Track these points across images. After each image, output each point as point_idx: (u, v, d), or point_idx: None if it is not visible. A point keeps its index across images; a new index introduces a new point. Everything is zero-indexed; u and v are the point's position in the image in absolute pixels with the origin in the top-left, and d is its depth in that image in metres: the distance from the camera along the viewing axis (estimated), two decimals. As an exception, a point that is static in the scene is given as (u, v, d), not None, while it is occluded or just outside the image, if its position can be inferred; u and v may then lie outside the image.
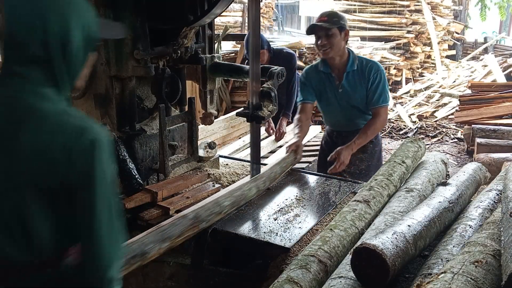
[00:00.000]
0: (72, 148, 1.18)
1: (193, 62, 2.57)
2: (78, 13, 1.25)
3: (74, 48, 1.24)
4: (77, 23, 1.24)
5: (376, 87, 2.94)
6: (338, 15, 2.94)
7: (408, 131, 7.34)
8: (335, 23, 2.85)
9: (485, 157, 4.91)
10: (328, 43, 2.86)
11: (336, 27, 2.85)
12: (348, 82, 2.97)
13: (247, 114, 2.43)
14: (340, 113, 3.09)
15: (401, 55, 9.74)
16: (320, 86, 3.07)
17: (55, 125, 1.19)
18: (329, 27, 2.83)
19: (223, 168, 2.83)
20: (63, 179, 1.19)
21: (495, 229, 1.67)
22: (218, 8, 2.29)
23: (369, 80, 2.94)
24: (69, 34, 1.23)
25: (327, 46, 2.87)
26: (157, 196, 2.19)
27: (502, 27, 15.37)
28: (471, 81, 7.94)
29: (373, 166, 3.06)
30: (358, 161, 3.04)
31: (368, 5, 10.57)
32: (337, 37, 2.87)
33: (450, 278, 1.41)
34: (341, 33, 2.88)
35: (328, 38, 2.86)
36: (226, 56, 7.22)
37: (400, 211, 2.02)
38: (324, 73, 3.02)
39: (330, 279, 1.65)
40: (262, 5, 10.29)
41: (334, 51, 2.89)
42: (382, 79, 2.96)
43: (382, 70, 2.99)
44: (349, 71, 2.96)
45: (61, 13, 1.22)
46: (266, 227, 2.13)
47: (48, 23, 1.20)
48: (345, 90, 2.99)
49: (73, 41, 1.24)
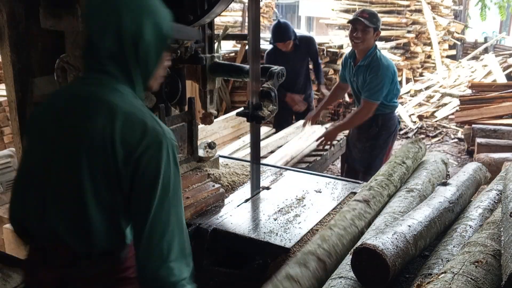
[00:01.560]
0: (142, 146, 1.20)
1: (193, 62, 2.56)
2: (151, 11, 1.28)
3: (145, 45, 1.27)
4: (149, 20, 1.27)
5: (369, 82, 3.34)
6: (377, 17, 3.39)
7: (408, 131, 7.33)
8: (373, 23, 3.31)
9: (485, 157, 4.91)
10: (362, 37, 3.31)
11: (373, 27, 3.30)
12: (358, 73, 3.43)
13: (247, 114, 2.43)
14: (355, 97, 3.66)
15: (401, 55, 9.73)
16: (346, 71, 3.64)
17: (128, 121, 1.22)
18: (368, 25, 3.28)
19: (223, 168, 2.83)
20: (126, 174, 1.21)
21: (495, 229, 1.67)
22: (218, 8, 2.28)
23: (367, 76, 3.36)
24: (141, 30, 1.25)
25: (360, 40, 3.32)
26: (157, 196, 2.18)
27: (502, 27, 15.35)
28: (471, 81, 7.93)
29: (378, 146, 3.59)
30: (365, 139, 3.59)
31: (368, 5, 10.56)
32: (370, 35, 3.32)
33: (450, 278, 1.41)
34: (374, 33, 3.34)
35: (363, 33, 3.30)
36: (226, 56, 7.22)
37: (401, 211, 2.02)
38: (348, 60, 3.55)
39: (330, 279, 1.65)
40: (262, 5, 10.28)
41: (363, 45, 3.34)
42: (378, 77, 3.32)
43: (383, 73, 3.33)
44: (360, 64, 3.40)
45: (134, 9, 1.26)
46: (266, 227, 2.13)
47: (121, 18, 1.23)
48: (355, 79, 3.48)
49: (145, 37, 1.26)
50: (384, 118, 3.52)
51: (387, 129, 3.58)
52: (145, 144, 1.21)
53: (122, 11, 1.24)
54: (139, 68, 1.29)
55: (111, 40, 1.24)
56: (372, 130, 3.54)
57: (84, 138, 1.22)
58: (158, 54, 1.32)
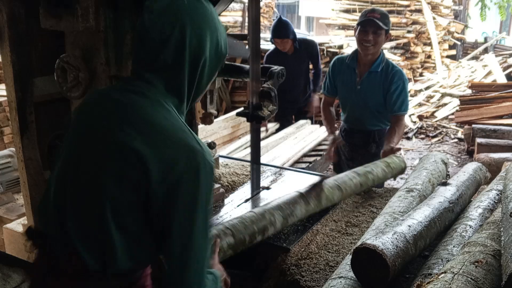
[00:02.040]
0: (177, 166, 1.11)
1: (193, 62, 2.56)
2: (214, 27, 1.22)
3: (205, 62, 1.21)
4: (211, 37, 1.21)
5: (399, 94, 2.94)
6: (389, 18, 3.00)
7: (408, 131, 7.33)
8: (386, 24, 2.91)
9: (485, 157, 4.91)
10: (373, 40, 2.90)
11: (385, 29, 2.91)
12: (369, 81, 3.00)
13: (247, 114, 2.43)
14: (354, 110, 3.12)
15: (401, 55, 9.74)
16: (342, 79, 3.12)
17: (166, 138, 1.13)
18: (381, 26, 2.88)
19: (223, 168, 2.83)
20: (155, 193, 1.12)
21: (495, 229, 1.67)
22: (218, 8, 2.28)
23: (390, 85, 2.95)
24: (203, 46, 1.19)
25: (371, 43, 2.91)
26: (157, 196, 2.18)
27: (502, 27, 15.35)
28: (471, 81, 7.94)
29: None
30: (361, 157, 3.09)
31: (368, 5, 10.56)
32: (382, 37, 2.93)
33: (450, 278, 1.41)
34: (386, 35, 2.96)
35: (376, 36, 2.90)
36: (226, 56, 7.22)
37: (400, 211, 2.02)
38: (349, 66, 3.07)
39: (330, 279, 1.65)
40: (262, 5, 10.29)
41: (374, 49, 2.94)
42: (405, 87, 2.97)
43: (406, 79, 3.01)
44: (372, 71, 2.99)
45: (199, 24, 1.19)
46: (266, 227, 2.13)
47: (185, 32, 1.17)
48: (363, 88, 3.01)
49: (207, 55, 1.20)
50: (380, 133, 3.13)
51: (382, 143, 3.10)
52: (184, 164, 1.12)
53: (187, 25, 1.17)
54: (193, 84, 1.22)
55: (171, 52, 1.17)
56: (371, 148, 3.13)
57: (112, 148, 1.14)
58: (213, 71, 1.27)
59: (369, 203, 2.40)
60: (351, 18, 10.60)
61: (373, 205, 2.37)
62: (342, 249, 1.98)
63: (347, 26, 10.63)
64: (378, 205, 2.36)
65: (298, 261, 1.90)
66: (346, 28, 10.57)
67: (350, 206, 2.38)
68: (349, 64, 3.06)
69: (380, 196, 2.49)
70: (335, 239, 2.06)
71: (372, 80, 2.99)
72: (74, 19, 2.21)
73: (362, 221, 2.22)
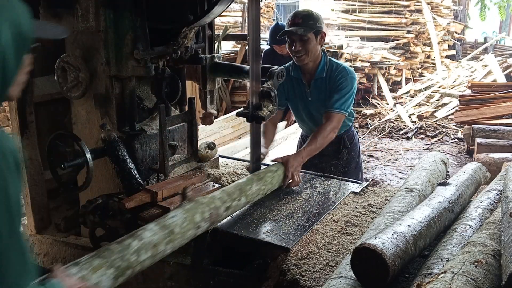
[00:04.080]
0: None
1: (193, 62, 2.56)
2: (4, 7, 1.09)
3: (2, 48, 1.08)
4: (3, 19, 1.08)
5: (338, 91, 2.67)
6: (314, 17, 2.65)
7: (408, 131, 7.34)
8: (310, 26, 2.61)
9: (485, 157, 4.92)
10: (303, 49, 2.64)
11: (312, 32, 2.62)
12: (317, 89, 2.76)
13: (247, 114, 2.43)
14: (311, 121, 2.88)
15: (401, 55, 9.75)
16: (290, 92, 2.84)
17: None
18: (303, 33, 2.60)
19: (223, 168, 2.83)
20: None
21: (495, 229, 1.67)
22: (218, 8, 2.29)
23: (334, 84, 2.70)
24: None
25: (302, 53, 2.65)
26: (157, 196, 2.18)
27: (502, 27, 15.36)
28: (471, 81, 7.94)
29: (350, 172, 2.94)
30: (333, 167, 2.91)
31: (367, 5, 10.57)
32: (313, 42, 2.64)
33: (450, 278, 1.41)
34: (317, 37, 2.66)
35: (303, 43, 2.63)
36: (226, 56, 7.23)
37: (400, 211, 2.03)
38: (294, 78, 2.81)
39: (330, 278, 1.65)
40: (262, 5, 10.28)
41: (309, 57, 2.67)
42: (347, 86, 2.68)
43: (351, 78, 2.72)
44: (317, 78, 2.74)
45: None
46: (266, 227, 2.14)
47: None
48: (314, 98, 2.77)
49: (2, 40, 1.08)
50: (348, 136, 2.93)
51: (355, 148, 2.99)
52: None
53: None
54: None
55: None
56: (342, 155, 2.91)
57: None
58: (18, 58, 1.14)
59: (369, 203, 2.40)
60: (351, 19, 10.60)
61: (373, 205, 2.38)
62: (342, 249, 1.98)
63: (347, 26, 10.63)
64: (378, 205, 2.36)
65: (298, 261, 1.90)
66: (346, 28, 10.58)
67: (350, 206, 2.38)
68: (294, 76, 2.80)
69: (380, 196, 2.49)
70: (335, 239, 2.06)
71: (319, 87, 2.75)
72: (74, 19, 2.21)
73: (362, 221, 2.22)
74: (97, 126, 2.31)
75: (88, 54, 2.26)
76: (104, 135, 2.19)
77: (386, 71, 9.19)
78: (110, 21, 2.17)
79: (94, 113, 2.34)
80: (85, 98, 2.32)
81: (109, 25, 2.17)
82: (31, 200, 2.60)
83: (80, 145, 2.09)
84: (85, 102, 2.35)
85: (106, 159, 2.23)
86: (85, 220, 2.14)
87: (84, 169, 2.12)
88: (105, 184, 2.37)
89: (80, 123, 2.40)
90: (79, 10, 2.19)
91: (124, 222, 2.09)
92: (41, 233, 2.63)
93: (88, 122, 2.37)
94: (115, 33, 2.18)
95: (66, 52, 2.31)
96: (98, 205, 2.12)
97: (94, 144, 2.30)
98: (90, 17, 2.17)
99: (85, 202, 2.16)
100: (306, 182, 2.69)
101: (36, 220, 2.63)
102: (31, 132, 2.53)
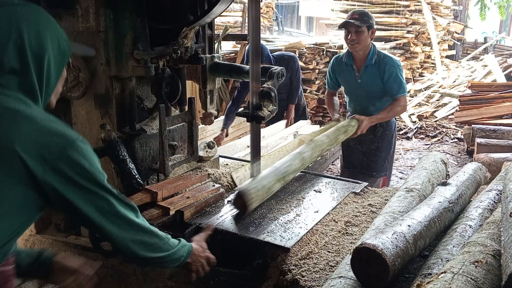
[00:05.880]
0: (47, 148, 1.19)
1: (193, 62, 2.56)
2: (51, 26, 1.28)
3: (48, 61, 1.26)
4: (50, 36, 1.27)
5: (393, 80, 3.31)
6: (368, 15, 3.33)
7: (408, 131, 7.34)
8: (365, 21, 3.27)
9: (485, 157, 4.92)
10: (357, 39, 3.28)
11: (365, 26, 3.26)
12: (366, 74, 3.38)
13: (247, 114, 2.43)
14: (358, 101, 3.54)
15: (401, 55, 9.75)
16: (343, 76, 3.53)
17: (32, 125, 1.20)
18: (359, 25, 3.24)
19: (223, 168, 2.83)
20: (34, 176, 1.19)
21: (495, 229, 1.67)
22: (218, 8, 2.29)
23: (384, 73, 3.31)
24: (45, 46, 1.25)
25: (355, 41, 3.29)
26: (157, 196, 2.19)
27: (502, 27, 15.37)
28: (471, 81, 7.94)
29: (383, 148, 3.55)
30: (369, 141, 3.52)
31: (368, 5, 10.57)
32: (365, 34, 3.28)
33: (450, 278, 1.41)
34: (369, 31, 3.30)
35: (358, 34, 3.27)
36: (226, 56, 7.22)
37: (400, 211, 2.03)
38: (346, 64, 3.45)
39: (330, 278, 1.65)
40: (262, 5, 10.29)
41: (360, 45, 3.30)
42: (397, 72, 3.32)
43: (397, 65, 3.35)
44: (368, 64, 3.36)
45: (35, 24, 1.24)
46: (266, 227, 2.13)
47: (22, 33, 1.22)
48: (363, 81, 3.40)
49: (49, 53, 1.26)
50: None
51: (389, 128, 3.56)
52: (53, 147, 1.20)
53: (23, 27, 1.22)
54: (43, 82, 1.27)
55: (13, 55, 1.21)
56: (378, 132, 3.49)
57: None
58: (59, 70, 1.32)
59: (369, 203, 2.40)
60: (351, 18, 10.58)
61: (373, 205, 2.38)
62: (342, 249, 1.98)
63: (346, 26, 10.60)
64: (378, 205, 2.36)
65: (298, 261, 1.90)
66: (346, 28, 10.55)
67: (350, 206, 2.38)
68: (347, 62, 3.46)
69: (380, 196, 2.49)
70: (335, 239, 2.06)
71: (369, 72, 3.37)
72: (74, 19, 2.21)
73: (362, 221, 2.22)
74: (97, 126, 2.31)
75: (88, 54, 2.26)
76: (104, 135, 2.19)
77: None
78: (110, 21, 2.17)
79: (94, 113, 2.34)
80: (85, 98, 2.32)
81: (109, 25, 2.17)
82: (31, 200, 2.60)
83: (80, 145, 2.08)
84: (85, 102, 2.35)
85: (106, 159, 2.23)
86: (85, 220, 2.14)
87: (84, 169, 2.11)
88: (105, 184, 2.36)
89: (80, 123, 2.40)
90: (79, 10, 2.19)
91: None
92: (41, 233, 2.63)
93: (88, 122, 2.37)
94: (115, 33, 2.18)
95: (66, 52, 2.31)
96: (98, 205, 2.11)
97: (94, 144, 2.30)
98: (90, 17, 2.17)
99: (85, 202, 2.16)
100: (306, 182, 2.69)
101: (36, 220, 2.62)
102: (31, 132, 2.53)
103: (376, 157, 3.55)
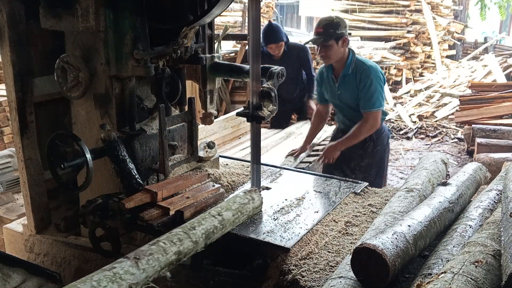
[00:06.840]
0: None
1: (193, 62, 2.56)
2: None
3: None
4: None
5: (365, 92, 3.04)
6: (334, 25, 3.03)
7: (408, 131, 7.33)
8: (330, 35, 3.00)
9: (485, 157, 4.91)
10: (326, 54, 3.08)
11: (332, 39, 3.01)
12: (344, 85, 3.15)
13: (247, 114, 2.43)
14: (341, 112, 3.34)
15: (401, 55, 9.74)
16: (325, 86, 3.32)
17: None
18: (324, 42, 3.01)
19: (223, 168, 2.82)
20: None
21: (495, 229, 1.67)
22: (218, 8, 2.28)
23: (360, 83, 3.06)
24: None
25: (325, 57, 3.11)
26: (157, 196, 2.19)
27: (502, 27, 15.36)
28: (471, 81, 7.94)
29: (375, 164, 3.29)
30: (358, 157, 3.26)
31: (368, 5, 10.56)
32: (334, 47, 3.05)
33: (450, 278, 1.41)
34: (338, 42, 3.05)
35: (326, 49, 3.05)
36: (226, 56, 7.22)
37: (400, 211, 2.02)
38: (327, 74, 3.26)
39: (330, 279, 1.65)
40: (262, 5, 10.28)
41: (332, 59, 3.10)
42: (372, 84, 3.03)
43: (375, 75, 3.06)
44: (344, 74, 3.13)
45: None
46: (266, 227, 2.13)
47: None
48: (342, 92, 3.19)
49: None
50: (377, 131, 3.22)
51: (381, 142, 3.30)
52: None
53: None
54: None
55: None
56: (368, 146, 3.23)
57: None
58: None
59: (369, 203, 2.40)
60: (351, 18, 10.59)
61: (373, 205, 2.37)
62: (342, 249, 1.98)
63: (347, 26, 10.61)
64: (378, 205, 2.36)
65: (298, 261, 1.90)
66: (346, 28, 10.56)
67: (351, 206, 2.38)
68: (327, 73, 3.27)
69: (380, 196, 2.49)
70: (335, 239, 2.06)
71: (346, 82, 3.14)
72: (74, 19, 2.21)
73: (362, 221, 2.22)
74: (97, 126, 2.31)
75: (88, 54, 2.26)
76: (104, 135, 2.19)
77: (386, 71, 9.19)
78: (110, 21, 2.17)
79: (94, 113, 2.34)
80: (85, 98, 2.32)
81: (109, 25, 2.17)
82: (31, 200, 2.60)
83: (80, 145, 2.09)
84: (85, 102, 2.35)
85: (106, 159, 2.23)
86: (85, 220, 2.14)
87: (84, 169, 2.11)
88: (105, 184, 2.37)
89: (80, 123, 2.40)
90: (79, 10, 2.18)
91: (124, 222, 2.09)
92: (41, 233, 2.63)
93: (88, 122, 2.37)
94: (115, 33, 2.18)
95: (66, 52, 2.31)
96: (98, 205, 2.12)
97: (94, 144, 2.30)
98: (90, 17, 2.17)
99: (85, 202, 2.16)
100: (306, 182, 2.69)
101: (36, 220, 2.62)
102: (31, 132, 2.53)
103: (366, 174, 3.24)
